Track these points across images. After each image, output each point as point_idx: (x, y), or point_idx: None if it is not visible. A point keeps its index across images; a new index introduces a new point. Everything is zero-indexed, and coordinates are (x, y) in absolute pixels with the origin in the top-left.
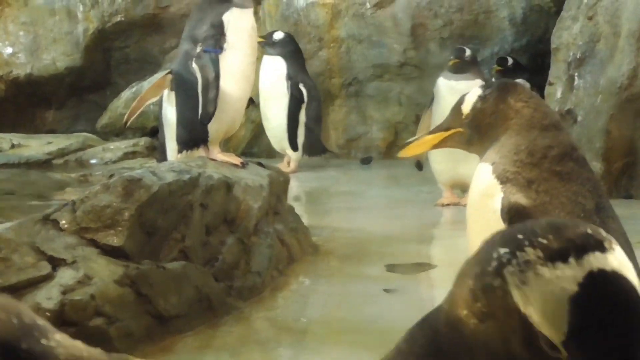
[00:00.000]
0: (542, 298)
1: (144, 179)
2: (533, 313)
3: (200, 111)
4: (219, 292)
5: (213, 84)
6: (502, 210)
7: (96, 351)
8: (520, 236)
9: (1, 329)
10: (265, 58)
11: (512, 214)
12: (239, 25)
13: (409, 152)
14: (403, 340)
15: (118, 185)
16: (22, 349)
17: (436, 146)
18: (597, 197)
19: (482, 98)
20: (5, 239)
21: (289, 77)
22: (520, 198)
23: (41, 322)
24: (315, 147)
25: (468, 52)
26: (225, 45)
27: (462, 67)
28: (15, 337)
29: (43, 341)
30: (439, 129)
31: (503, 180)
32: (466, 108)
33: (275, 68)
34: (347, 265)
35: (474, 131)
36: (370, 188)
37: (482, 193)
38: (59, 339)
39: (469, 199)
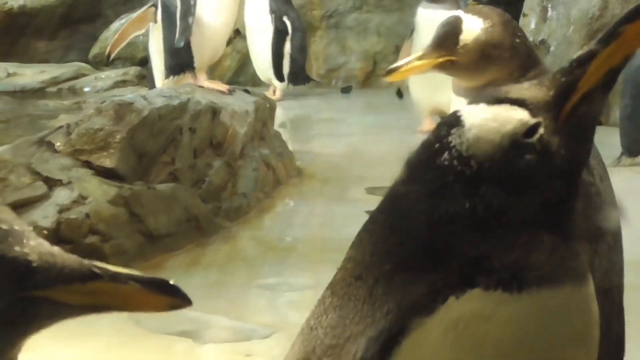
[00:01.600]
0: None
1: (135, 103)
2: None
3: (177, 34)
4: (207, 212)
5: (190, 10)
6: None
7: (71, 258)
8: None
9: None
10: None
11: None
12: None
13: (398, 76)
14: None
15: (110, 109)
16: None
17: (426, 71)
18: None
19: (485, 31)
20: (2, 160)
21: (272, 10)
22: None
23: (18, 227)
24: (299, 77)
25: None
26: None
27: None
28: None
29: (16, 247)
30: (428, 55)
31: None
32: (467, 37)
33: (258, 3)
34: (329, 188)
35: (469, 62)
36: (350, 115)
37: None
38: (33, 245)
39: None
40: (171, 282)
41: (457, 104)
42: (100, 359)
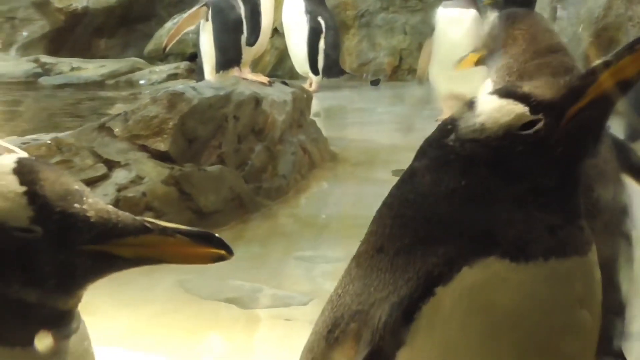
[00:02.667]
0: None
1: (185, 93)
2: None
3: (246, 35)
4: (249, 192)
5: (256, 10)
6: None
7: (125, 214)
8: None
9: (40, 192)
10: None
11: None
12: None
13: (462, 66)
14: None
15: (164, 98)
16: (56, 211)
17: (476, 64)
18: None
19: (493, 26)
20: (67, 143)
21: (308, 11)
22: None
23: (77, 187)
24: (333, 70)
25: None
26: None
27: None
28: (52, 199)
29: (76, 205)
30: (478, 49)
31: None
32: (488, 34)
33: (295, 5)
34: (360, 170)
35: (487, 53)
36: (379, 105)
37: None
38: (91, 203)
39: None
40: (215, 235)
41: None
42: (154, 324)
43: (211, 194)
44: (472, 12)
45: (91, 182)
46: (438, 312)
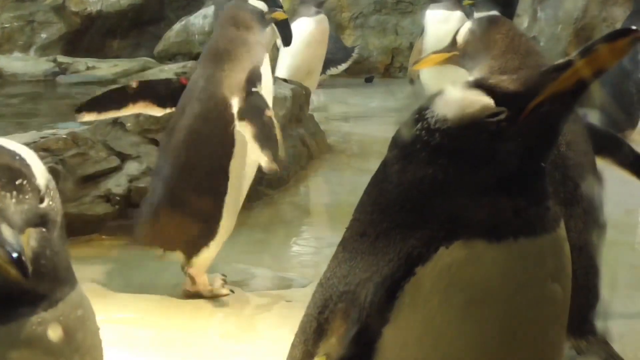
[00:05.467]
0: None
1: None
2: None
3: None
4: (252, 181)
5: (287, 25)
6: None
7: None
8: None
9: None
10: None
11: None
12: None
13: (421, 65)
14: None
15: None
16: None
17: (439, 63)
18: None
19: (471, 31)
20: (83, 137)
21: (301, 15)
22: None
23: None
24: (338, 56)
25: None
26: None
27: None
28: None
29: None
30: (443, 50)
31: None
32: (459, 38)
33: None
34: (355, 161)
35: (466, 54)
36: (373, 101)
37: None
38: None
39: None
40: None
41: None
42: (163, 305)
43: None
44: (457, 14)
45: (105, 174)
46: (419, 290)
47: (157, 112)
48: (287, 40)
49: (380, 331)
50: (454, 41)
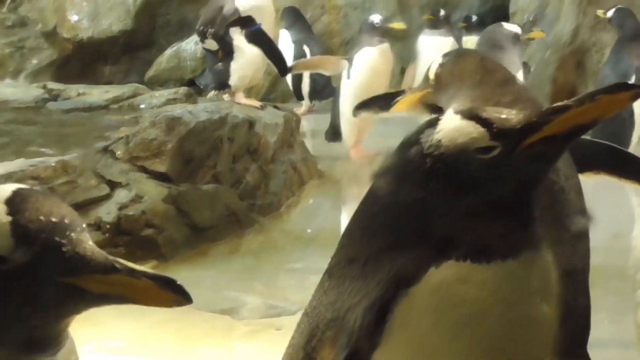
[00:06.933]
0: None
1: (183, 117)
2: None
3: (278, 68)
4: (244, 208)
5: (274, 48)
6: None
7: (100, 253)
8: None
9: (22, 223)
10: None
11: None
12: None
13: (399, 108)
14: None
15: (162, 122)
16: (34, 242)
17: (416, 103)
18: None
19: (441, 66)
20: (72, 165)
21: (293, 41)
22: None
23: (67, 221)
24: (324, 92)
25: (442, 12)
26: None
27: (437, 24)
28: (32, 231)
29: (56, 238)
30: (416, 89)
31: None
32: (431, 74)
33: (283, 37)
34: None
35: (440, 89)
36: None
37: None
38: (73, 237)
39: None
40: (177, 282)
41: None
42: (154, 332)
43: (207, 210)
44: (450, 40)
45: (95, 202)
46: (409, 312)
47: None
48: (283, 72)
49: (370, 356)
50: (426, 78)
